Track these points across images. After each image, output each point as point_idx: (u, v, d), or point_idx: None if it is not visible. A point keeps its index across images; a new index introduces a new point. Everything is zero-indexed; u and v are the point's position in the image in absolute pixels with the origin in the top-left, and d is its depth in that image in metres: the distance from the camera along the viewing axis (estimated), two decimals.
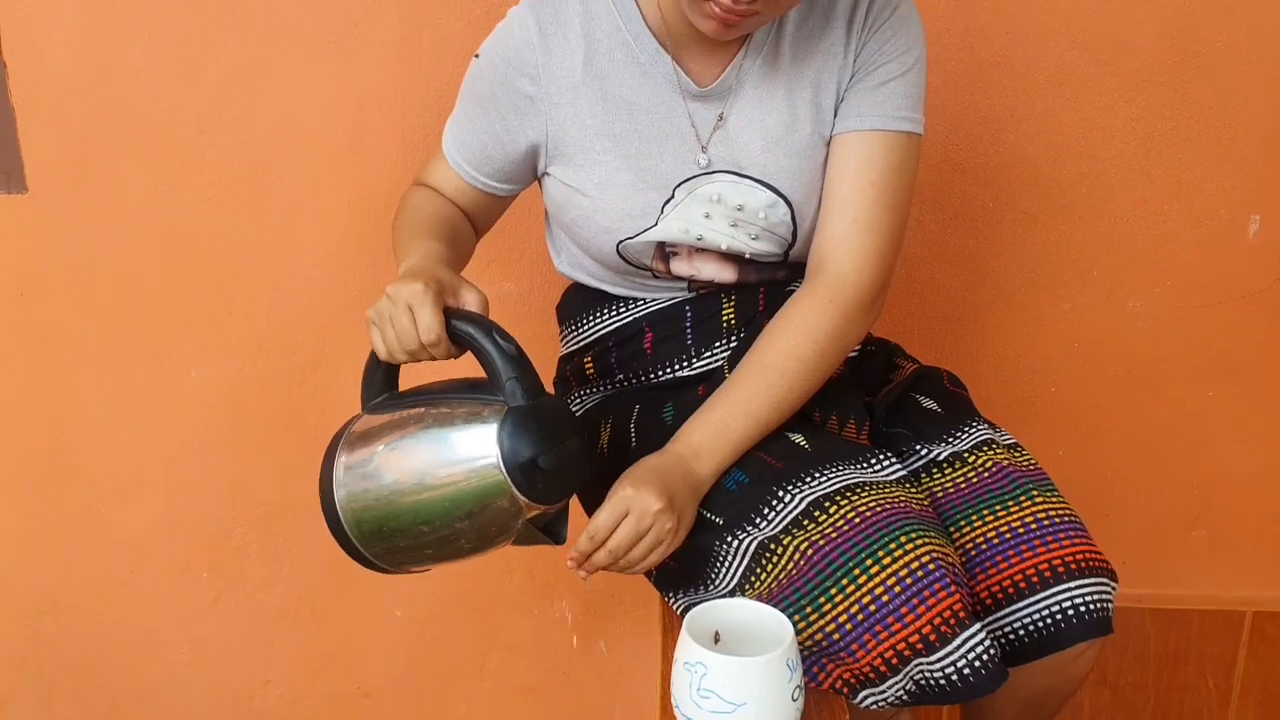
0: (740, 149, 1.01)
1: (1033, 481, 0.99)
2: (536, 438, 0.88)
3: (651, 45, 0.99)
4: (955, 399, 1.09)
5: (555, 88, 1.00)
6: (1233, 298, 1.49)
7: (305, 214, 1.41)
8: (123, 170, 1.38)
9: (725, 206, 1.01)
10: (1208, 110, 1.41)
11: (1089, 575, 0.94)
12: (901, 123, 0.99)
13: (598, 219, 1.02)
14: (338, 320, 1.45)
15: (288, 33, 1.34)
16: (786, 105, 1.00)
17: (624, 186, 1.00)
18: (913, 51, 1.00)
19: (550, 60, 0.99)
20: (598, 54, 0.99)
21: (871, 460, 0.97)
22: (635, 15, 1.00)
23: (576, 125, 1.00)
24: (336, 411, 1.48)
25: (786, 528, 0.91)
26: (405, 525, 0.92)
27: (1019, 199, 1.45)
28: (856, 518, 0.89)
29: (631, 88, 1.00)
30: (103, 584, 1.55)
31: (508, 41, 1.01)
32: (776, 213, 1.01)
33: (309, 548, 1.54)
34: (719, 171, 1.01)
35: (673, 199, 1.01)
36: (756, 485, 0.95)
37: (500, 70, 1.01)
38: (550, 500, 0.91)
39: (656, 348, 1.09)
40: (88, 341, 1.45)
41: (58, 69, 1.33)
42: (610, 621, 1.60)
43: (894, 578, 0.86)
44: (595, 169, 1.01)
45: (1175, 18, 1.37)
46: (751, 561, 0.93)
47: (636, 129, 1.00)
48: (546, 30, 0.99)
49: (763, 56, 1.00)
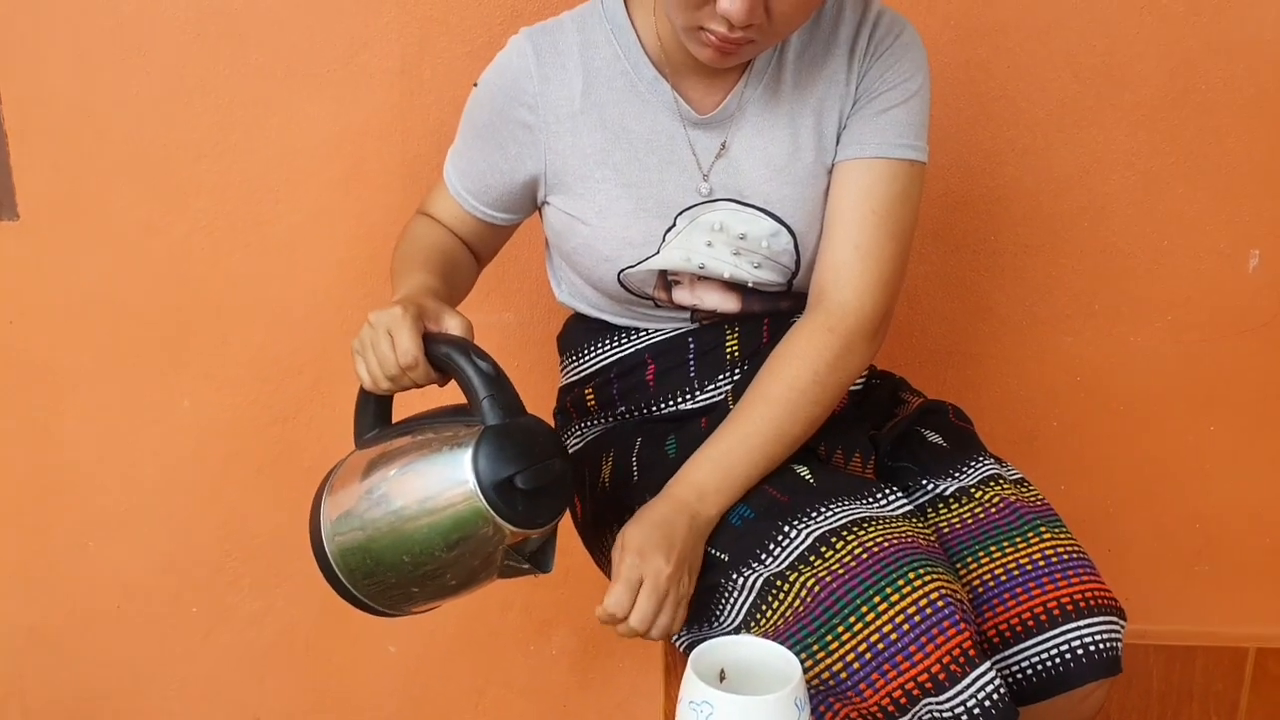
0: (742, 177, 1.00)
1: (1040, 518, 0.98)
2: (513, 457, 0.85)
3: (650, 74, 0.99)
4: (961, 433, 1.08)
5: (554, 117, 1.00)
6: (1233, 332, 1.49)
7: (303, 244, 1.40)
8: (117, 199, 1.37)
9: (728, 235, 1.00)
10: (1207, 145, 1.42)
11: (1098, 614, 0.93)
12: (904, 150, 0.99)
13: (599, 247, 1.01)
14: (334, 352, 1.43)
15: (287, 61, 1.33)
16: (789, 133, 0.99)
17: (625, 215, 1.00)
18: (915, 79, 0.99)
19: (548, 89, 0.99)
20: (596, 83, 0.99)
21: (877, 495, 0.96)
22: (634, 44, 0.99)
23: (576, 154, 1.00)
24: (331, 444, 1.46)
25: (793, 564, 0.90)
26: (390, 562, 0.89)
27: (1020, 232, 1.45)
28: (864, 553, 0.88)
29: (631, 116, 1.00)
30: (91, 617, 1.52)
31: (506, 71, 1.01)
32: (779, 241, 1.01)
33: (302, 581, 1.52)
34: (721, 199, 1.00)
35: (674, 227, 1.00)
36: (762, 520, 0.94)
37: (499, 100, 1.01)
38: (532, 524, 0.88)
39: (659, 379, 1.07)
40: (78, 371, 1.43)
41: (52, 96, 1.32)
42: (609, 658, 1.58)
43: (902, 615, 0.85)
44: (595, 197, 1.00)
45: (1174, 53, 1.38)
46: (757, 598, 0.91)
47: (637, 157, 1.00)
48: (544, 59, 0.99)
49: (764, 84, 1.00)
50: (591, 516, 1.10)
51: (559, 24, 1.01)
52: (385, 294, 1.40)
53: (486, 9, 1.32)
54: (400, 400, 0.95)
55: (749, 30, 0.86)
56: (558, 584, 1.52)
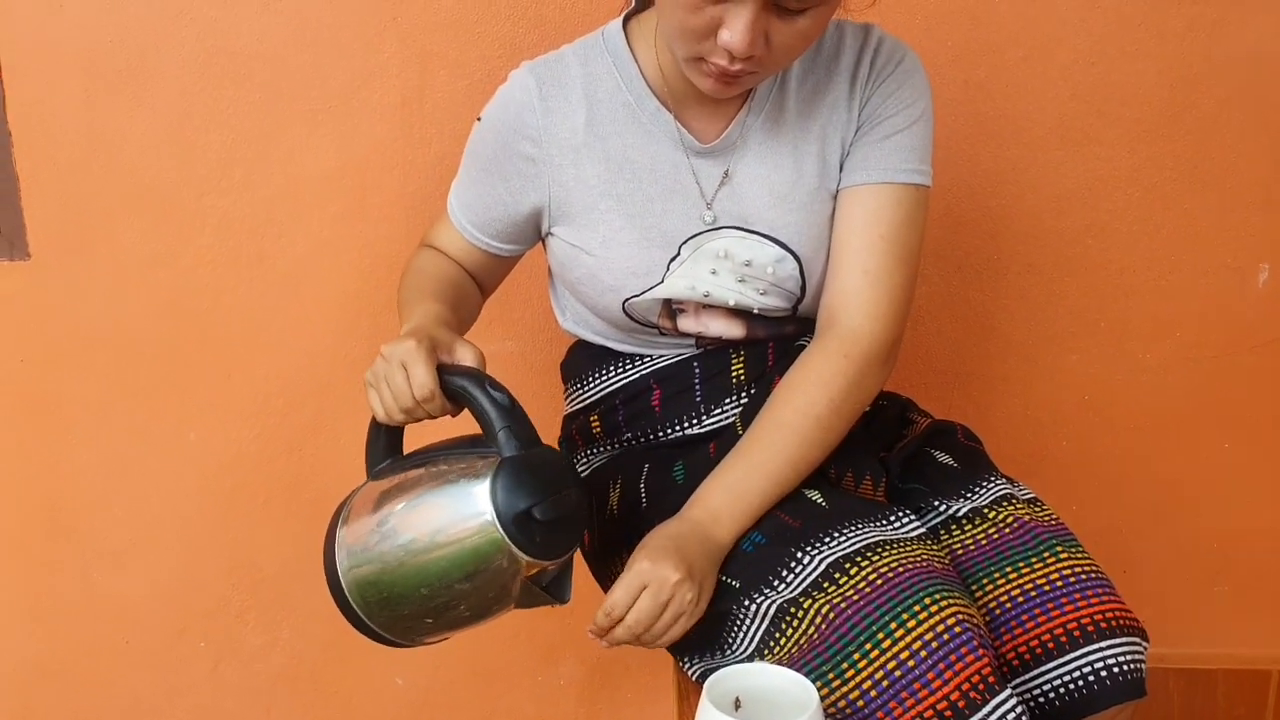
0: (746, 204, 1.00)
1: (1056, 537, 0.96)
2: (531, 488, 0.85)
3: (653, 104, 0.99)
4: (971, 453, 1.07)
5: (557, 149, 1.00)
6: (1244, 348, 1.47)
7: (307, 277, 1.41)
8: (125, 236, 1.38)
9: (732, 262, 1.00)
10: (1210, 160, 1.41)
11: (1120, 634, 0.91)
12: (909, 175, 0.99)
13: (603, 277, 1.02)
14: (339, 384, 1.44)
15: (289, 97, 1.35)
16: (792, 160, 1.00)
17: (629, 245, 1.00)
18: (918, 104, 0.99)
19: (551, 122, 0.99)
20: (599, 114, 1.00)
21: (890, 517, 0.95)
22: (636, 75, 1.00)
23: (579, 186, 1.00)
24: (337, 476, 1.47)
25: (806, 590, 0.89)
26: (406, 594, 0.89)
27: (1023, 251, 1.44)
28: (878, 579, 0.87)
29: (634, 147, 1.00)
30: (97, 650, 1.52)
31: (508, 105, 1.01)
32: (784, 268, 1.00)
33: (308, 614, 1.52)
34: (725, 227, 1.00)
35: (678, 256, 1.00)
36: (774, 546, 0.93)
37: (502, 134, 1.02)
38: (550, 555, 0.88)
39: (665, 405, 1.07)
40: (87, 407, 1.44)
41: (62, 136, 1.35)
42: (616, 689, 1.56)
43: (919, 641, 0.83)
44: (599, 228, 1.00)
45: (1174, 69, 1.37)
46: (771, 625, 0.90)
47: (640, 187, 1.00)
48: (547, 92, 0.99)
49: (766, 112, 1.00)
50: (600, 545, 1.09)
51: (560, 57, 1.02)
52: (389, 325, 1.42)
53: (486, 43, 1.34)
54: (412, 428, 0.95)
55: (750, 61, 0.87)
56: (564, 613, 1.50)
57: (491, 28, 1.33)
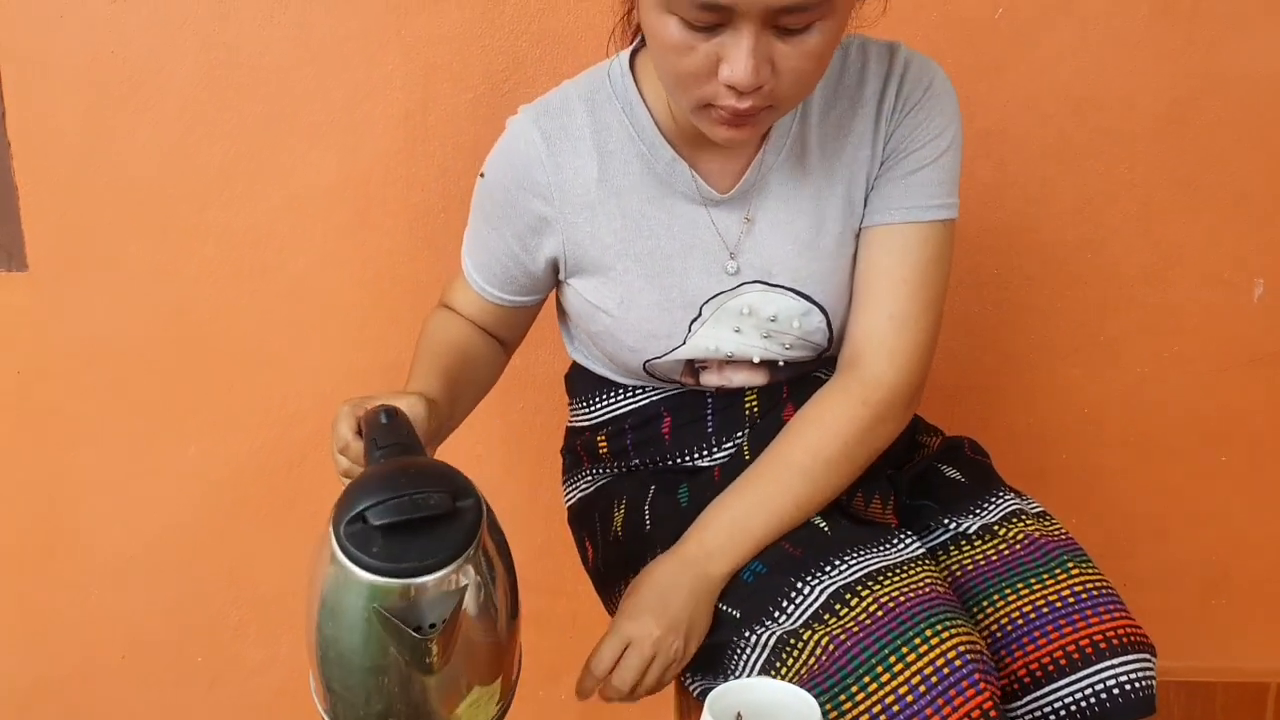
0: (769, 254, 0.95)
1: (1067, 552, 0.95)
2: (369, 490, 0.69)
3: (668, 154, 0.93)
4: (979, 468, 1.06)
5: (570, 207, 0.94)
6: (1241, 361, 1.48)
7: (308, 291, 1.40)
8: (124, 248, 1.37)
9: (757, 318, 0.96)
10: (1208, 175, 1.42)
11: (1130, 652, 0.91)
12: (935, 211, 0.94)
13: (622, 338, 0.98)
14: (339, 398, 1.40)
15: (292, 109, 1.34)
16: (815, 204, 0.94)
17: (649, 307, 0.95)
18: (947, 133, 0.93)
19: (562, 178, 0.94)
20: (612, 168, 0.94)
21: (893, 540, 0.94)
22: (648, 123, 0.93)
23: (595, 245, 0.95)
24: (337, 491, 1.45)
25: (807, 621, 0.88)
26: (323, 660, 0.73)
27: (1023, 265, 1.45)
28: (879, 610, 0.86)
29: (650, 201, 0.94)
30: (95, 667, 1.51)
31: (514, 159, 0.95)
32: (810, 321, 0.96)
33: None
34: (747, 283, 0.95)
35: (700, 316, 0.96)
36: (774, 575, 0.91)
37: (510, 191, 0.96)
38: (398, 570, 0.67)
39: (675, 434, 1.04)
40: (85, 420, 1.43)
41: (62, 147, 1.34)
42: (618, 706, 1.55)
43: (919, 675, 0.82)
44: (617, 288, 0.96)
45: (1171, 84, 1.39)
46: (771, 655, 0.89)
47: (659, 245, 0.94)
48: (555, 145, 0.93)
49: (786, 150, 0.94)
50: (603, 565, 1.08)
51: (565, 103, 0.95)
52: (391, 338, 1.42)
53: (489, 56, 1.34)
54: None
55: (760, 94, 0.79)
56: (565, 630, 1.50)
57: (495, 41, 1.33)
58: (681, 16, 0.77)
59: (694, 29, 0.77)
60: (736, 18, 0.75)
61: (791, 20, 0.76)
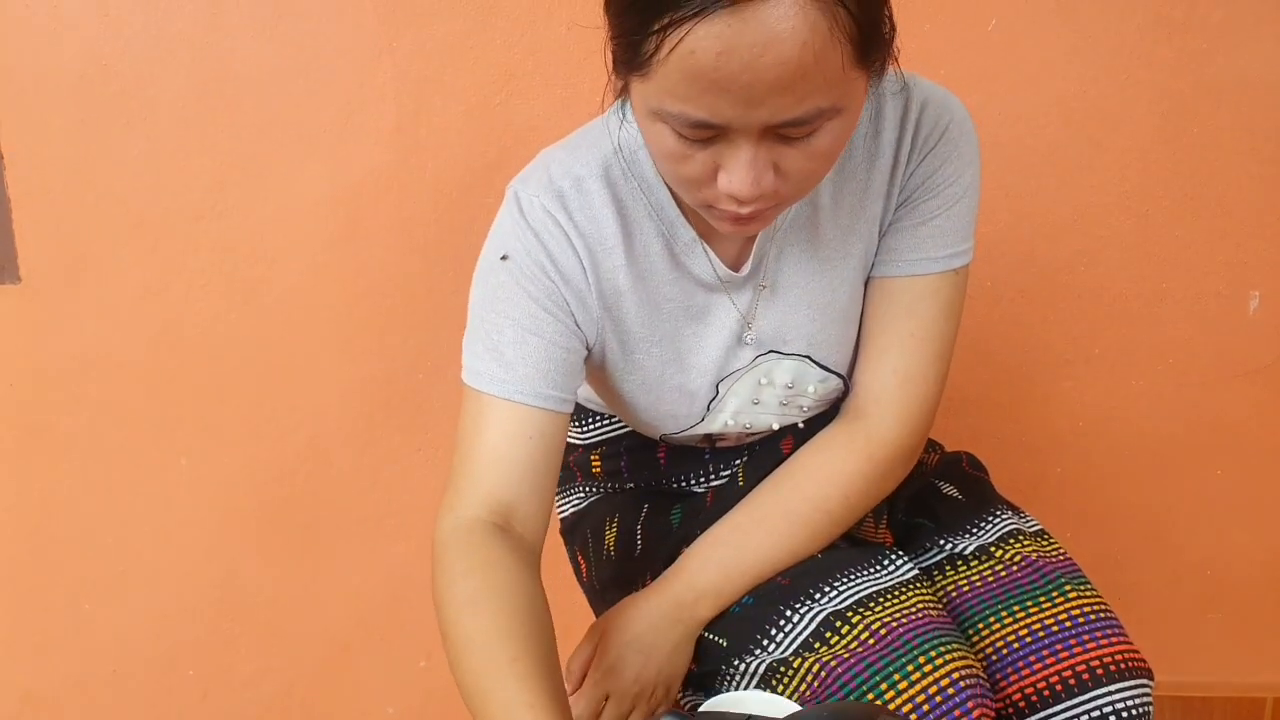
0: (781, 322, 0.91)
1: (1065, 574, 0.94)
2: None
3: (689, 235, 0.87)
4: (977, 484, 1.05)
5: (599, 295, 0.87)
6: (1235, 374, 1.48)
7: (300, 303, 1.40)
8: (117, 260, 1.38)
9: (775, 387, 0.94)
10: (1202, 187, 1.41)
11: (1129, 677, 0.89)
12: (947, 261, 0.87)
13: (639, 416, 0.95)
14: (333, 410, 1.43)
15: (284, 122, 1.34)
16: (830, 265, 0.89)
17: (670, 391, 0.92)
18: (964, 176, 0.86)
19: (594, 263, 0.85)
20: (636, 251, 0.87)
21: (885, 564, 0.93)
22: (667, 202, 0.86)
23: (621, 330, 0.89)
24: (330, 502, 1.46)
25: (797, 650, 0.86)
26: None
27: (1017, 278, 1.44)
28: (869, 637, 0.84)
29: (671, 283, 0.88)
30: (86, 679, 1.50)
31: (541, 239, 0.84)
32: (827, 386, 0.94)
33: (299, 641, 1.50)
34: (761, 355, 0.92)
35: (718, 395, 0.93)
36: (761, 606, 0.90)
37: (545, 271, 0.84)
38: None
39: (671, 459, 1.03)
40: (77, 433, 1.43)
41: (54, 160, 1.34)
42: None
43: (912, 703, 0.81)
44: (637, 372, 0.91)
45: (1164, 96, 1.38)
46: (760, 683, 0.88)
47: (679, 328, 0.90)
48: (583, 229, 0.85)
49: (801, 215, 0.88)
50: (597, 582, 1.07)
51: (579, 183, 0.85)
52: (383, 351, 1.41)
53: (481, 69, 1.34)
54: None
55: (765, 198, 0.73)
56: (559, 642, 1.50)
57: (487, 54, 1.33)
58: (673, 128, 0.71)
59: (689, 140, 0.71)
60: (732, 132, 0.70)
61: (794, 131, 0.70)
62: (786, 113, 0.67)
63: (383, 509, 1.47)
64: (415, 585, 1.51)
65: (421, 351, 1.43)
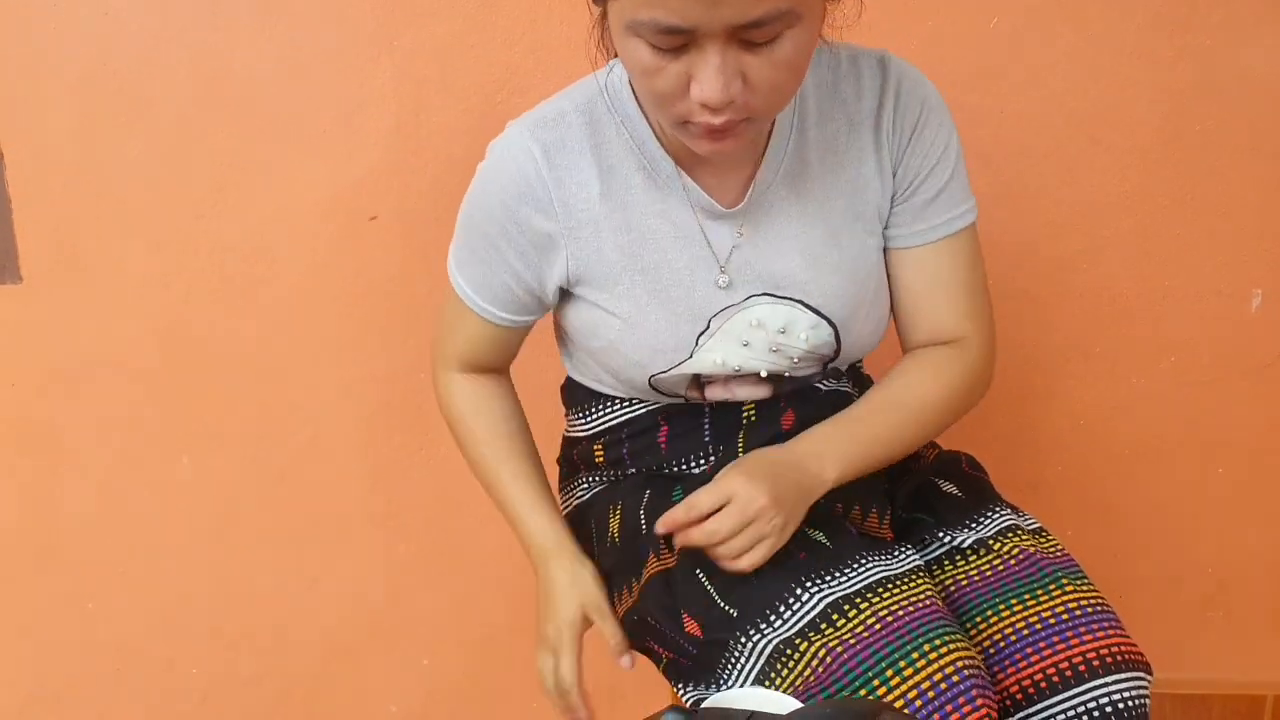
0: (776, 269, 0.95)
1: (1062, 569, 0.95)
2: None
3: (669, 167, 0.93)
4: (976, 483, 1.06)
5: (574, 222, 0.93)
6: (1237, 373, 1.48)
7: (302, 301, 1.40)
8: (118, 260, 1.38)
9: (766, 331, 0.96)
10: (1203, 186, 1.41)
11: (1125, 670, 0.90)
12: (963, 219, 0.97)
13: (628, 353, 0.97)
14: (334, 410, 1.43)
15: (285, 122, 1.34)
16: (822, 218, 0.95)
17: (656, 322, 0.95)
18: (951, 146, 0.95)
19: (565, 193, 0.92)
20: (614, 182, 0.93)
21: (893, 553, 0.94)
22: (648, 136, 0.92)
23: (601, 260, 0.94)
24: (330, 501, 1.46)
25: (802, 630, 0.88)
26: None
27: (1017, 277, 1.44)
28: (877, 623, 0.85)
29: (655, 215, 0.93)
30: (88, 680, 1.51)
31: (513, 174, 0.93)
32: (819, 334, 0.96)
33: (300, 641, 1.50)
34: (755, 295, 0.95)
35: (708, 329, 0.95)
36: (777, 574, 0.91)
37: (511, 208, 0.93)
38: None
39: (672, 443, 1.04)
40: (78, 433, 1.43)
41: (55, 159, 1.34)
42: (614, 715, 1.55)
43: (916, 690, 0.82)
44: (623, 303, 0.95)
45: (1166, 95, 1.38)
46: (766, 665, 0.89)
47: (666, 259, 0.94)
48: (555, 160, 0.92)
49: (785, 167, 0.94)
50: (603, 571, 1.07)
51: (561, 117, 0.93)
52: (384, 350, 1.41)
53: (482, 68, 1.34)
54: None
55: (735, 109, 0.79)
56: None
57: (487, 53, 1.33)
58: (647, 40, 0.77)
59: (661, 51, 0.77)
60: (700, 37, 0.75)
61: (756, 34, 0.75)
62: (748, 12, 0.73)
63: (384, 508, 1.48)
64: (417, 584, 1.51)
65: (422, 351, 1.41)
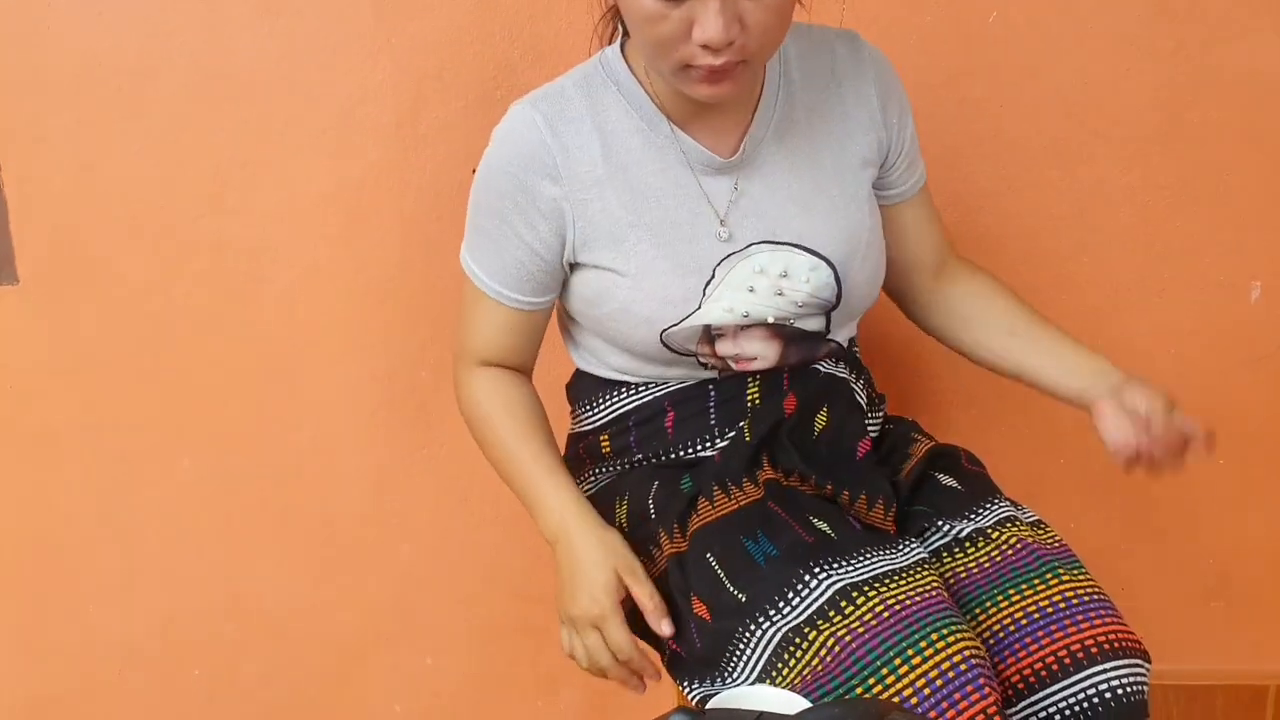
0: (771, 217, 1.00)
1: (1058, 559, 0.97)
2: None
3: (666, 127, 0.99)
4: (974, 477, 1.07)
5: (579, 184, 0.98)
6: (1236, 364, 1.48)
7: (302, 300, 1.40)
8: (116, 260, 1.37)
9: (769, 276, 0.99)
10: (1203, 178, 1.42)
11: (1122, 656, 0.91)
12: (923, 173, 1.13)
13: (637, 310, 0.99)
14: (335, 409, 1.43)
15: (283, 119, 1.34)
16: (811, 167, 1.02)
17: (664, 274, 0.98)
18: (909, 109, 1.08)
19: (568, 158, 0.97)
20: (614, 144, 0.98)
21: (899, 544, 0.95)
22: (644, 99, 0.99)
23: (606, 218, 0.98)
24: (334, 502, 1.46)
25: (810, 617, 0.88)
26: None
27: (1018, 270, 1.44)
28: (885, 611, 0.86)
29: (655, 173, 0.99)
30: (92, 684, 1.50)
31: (519, 144, 0.98)
32: (820, 275, 1.00)
33: (305, 641, 1.50)
34: (755, 244, 0.99)
35: (713, 278, 0.99)
36: (786, 559, 0.92)
37: (518, 177, 0.98)
38: None
39: (678, 427, 1.05)
40: (78, 434, 1.42)
41: (52, 159, 1.34)
42: (617, 715, 1.55)
43: (923, 679, 0.83)
44: (630, 259, 0.98)
45: (1166, 88, 1.38)
46: (774, 654, 0.89)
47: (667, 214, 0.99)
48: (557, 127, 0.97)
49: (775, 123, 1.01)
50: None
51: (560, 90, 1.00)
52: (385, 348, 1.41)
53: (481, 63, 1.33)
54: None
55: (733, 50, 0.86)
56: None
57: (486, 49, 1.33)
58: None
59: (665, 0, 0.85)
60: None
61: None
62: None
63: (387, 508, 1.47)
64: (421, 584, 1.50)
65: (424, 348, 1.42)
